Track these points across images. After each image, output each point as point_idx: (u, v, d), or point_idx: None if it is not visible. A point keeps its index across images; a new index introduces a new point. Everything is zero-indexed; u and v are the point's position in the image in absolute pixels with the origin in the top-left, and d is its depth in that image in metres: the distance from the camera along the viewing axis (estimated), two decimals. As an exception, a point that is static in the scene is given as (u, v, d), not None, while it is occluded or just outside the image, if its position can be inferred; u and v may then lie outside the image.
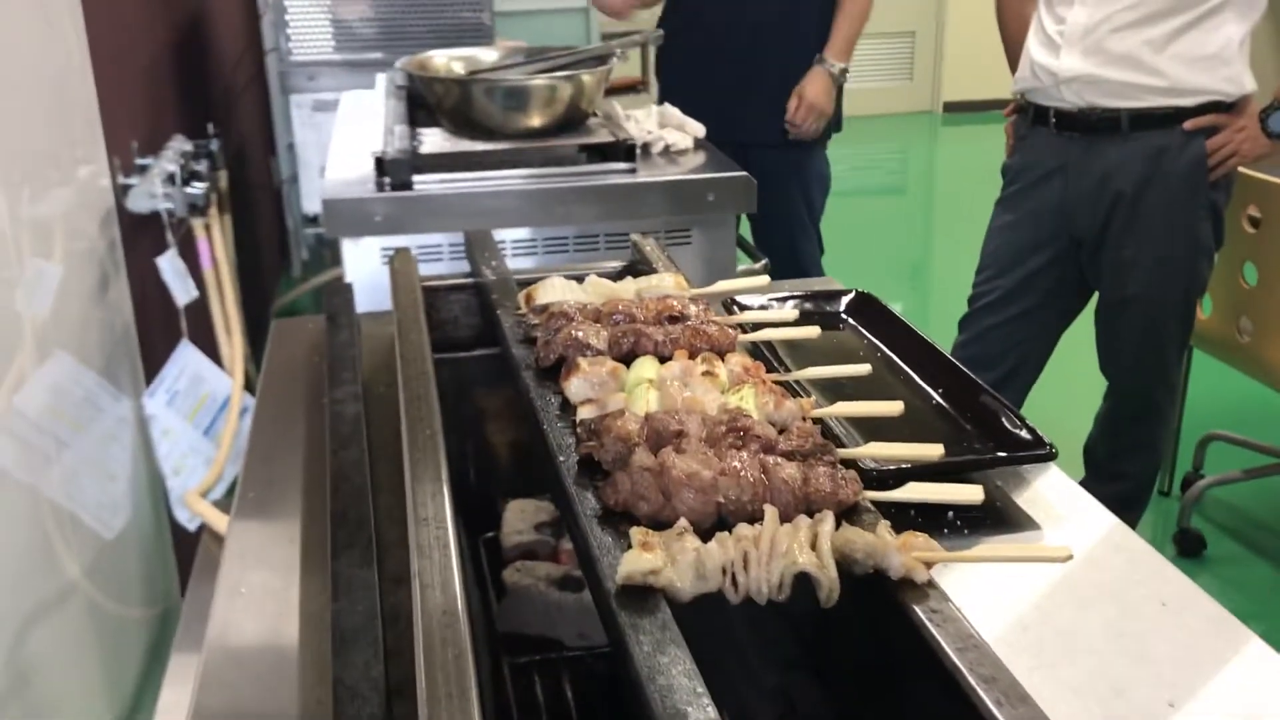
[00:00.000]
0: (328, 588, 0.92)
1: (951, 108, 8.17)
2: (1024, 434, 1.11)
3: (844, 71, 3.11)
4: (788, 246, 3.20)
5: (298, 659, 0.90)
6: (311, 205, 3.88)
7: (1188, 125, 2.41)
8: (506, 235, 2.37)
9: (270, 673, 0.89)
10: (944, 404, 1.21)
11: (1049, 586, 0.95)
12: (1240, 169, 2.55)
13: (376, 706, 0.76)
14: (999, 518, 1.06)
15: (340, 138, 2.93)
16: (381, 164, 2.50)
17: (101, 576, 1.97)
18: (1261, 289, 2.85)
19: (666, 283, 1.26)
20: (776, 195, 3.06)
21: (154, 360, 2.52)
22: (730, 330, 1.12)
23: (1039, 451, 1.08)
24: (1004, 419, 1.14)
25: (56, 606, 1.75)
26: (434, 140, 2.74)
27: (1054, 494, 1.11)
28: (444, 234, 2.40)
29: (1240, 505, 3.40)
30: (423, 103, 2.93)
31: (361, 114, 3.15)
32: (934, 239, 6.11)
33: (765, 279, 1.33)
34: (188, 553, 2.47)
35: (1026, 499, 1.10)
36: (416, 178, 2.48)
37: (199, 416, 2.77)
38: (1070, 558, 0.79)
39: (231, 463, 2.79)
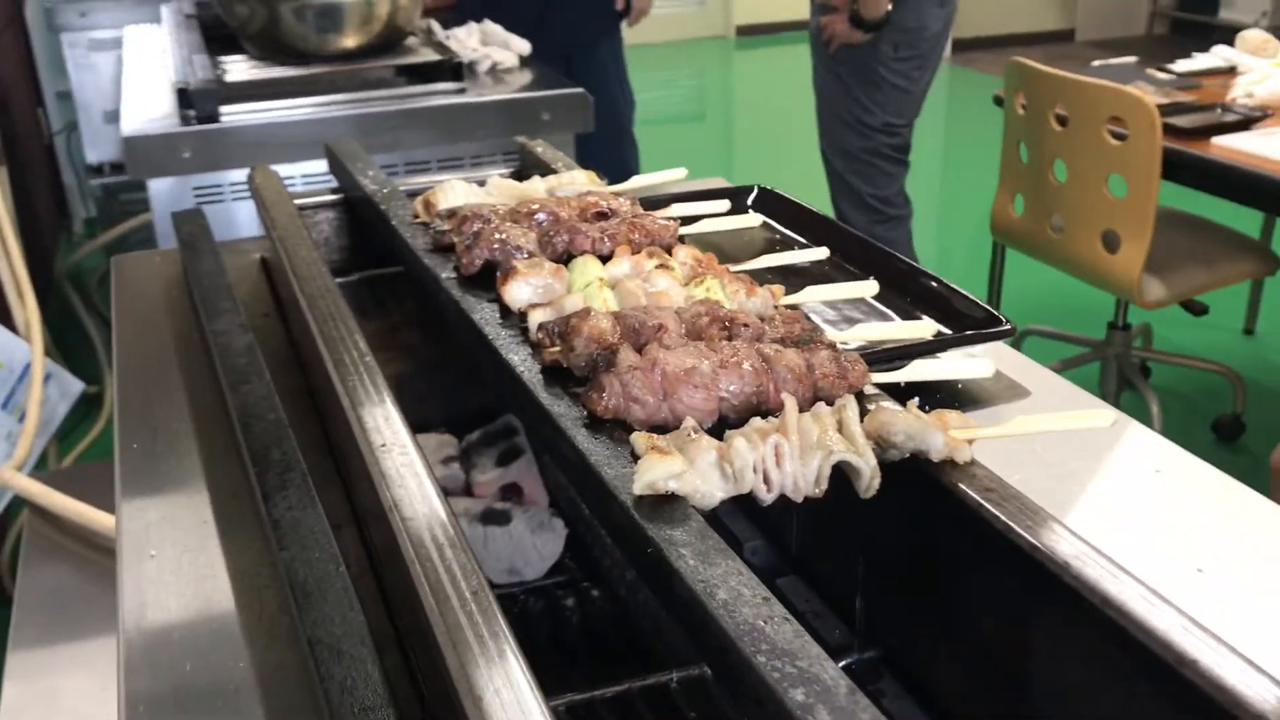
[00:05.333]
0: (265, 537, 0.79)
1: (744, 31, 8.19)
2: (979, 314, 1.06)
3: None
4: (617, 158, 3.12)
5: (239, 621, 0.77)
6: (98, 154, 3.54)
7: None
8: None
9: (208, 640, 0.75)
10: (888, 291, 1.15)
11: (1036, 462, 0.89)
12: (1046, 69, 2.87)
13: (372, 665, 0.64)
14: (965, 397, 1.01)
15: (132, 75, 2.68)
16: (185, 95, 2.29)
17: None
18: (1070, 186, 2.91)
19: (579, 179, 1.15)
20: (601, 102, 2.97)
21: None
22: (670, 223, 1.03)
23: (1004, 328, 1.03)
24: (954, 300, 1.09)
25: None
26: (240, 68, 2.53)
27: (1013, 369, 1.06)
28: (262, 169, 2.22)
29: (1061, 395, 3.53)
30: (219, 32, 2.71)
31: (152, 49, 2.89)
32: (735, 163, 6.12)
33: (683, 172, 1.23)
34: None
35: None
36: (224, 109, 2.29)
37: (-6, 390, 2.50)
38: (1115, 423, 0.74)
39: (41, 435, 2.52)
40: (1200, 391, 3.54)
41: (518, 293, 0.92)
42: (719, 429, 0.77)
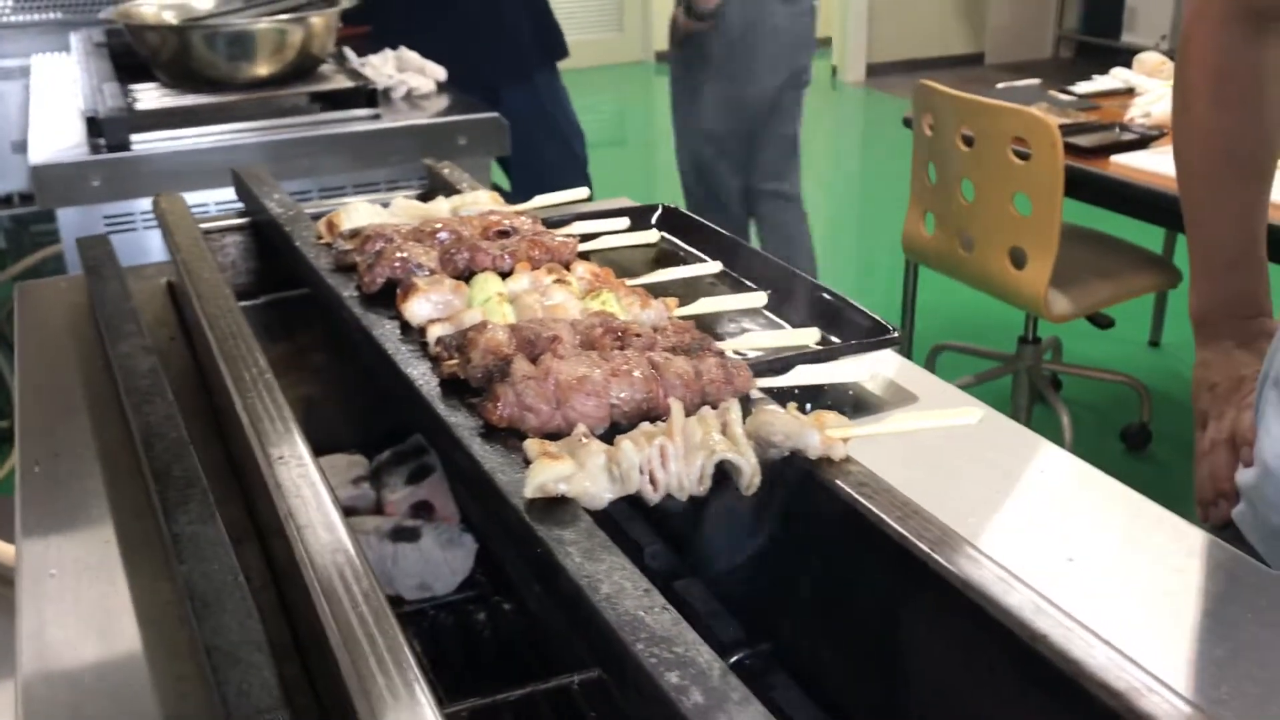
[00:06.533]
0: (166, 553, 0.80)
1: (664, 57, 8.25)
2: (867, 323, 1.10)
3: None
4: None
5: (140, 636, 0.78)
6: (6, 185, 3.49)
7: None
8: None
9: (107, 656, 0.76)
10: (779, 304, 1.19)
11: (923, 462, 0.93)
12: (953, 91, 2.96)
13: (269, 671, 0.66)
14: (855, 403, 1.05)
15: (40, 104, 2.66)
16: (95, 124, 2.27)
17: None
18: (978, 205, 2.98)
19: (482, 199, 1.17)
20: (535, 139, 2.99)
21: None
22: (569, 240, 1.05)
23: (891, 336, 1.07)
24: (844, 311, 1.12)
25: None
26: (151, 96, 2.52)
27: (909, 381, 1.10)
28: (173, 197, 2.22)
29: (974, 409, 3.61)
30: (129, 60, 2.70)
31: (59, 78, 2.87)
32: (657, 187, 6.18)
33: (585, 191, 1.26)
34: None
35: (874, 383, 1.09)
36: (135, 137, 2.28)
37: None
38: (981, 419, 0.78)
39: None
40: (1109, 402, 3.64)
41: (418, 309, 0.94)
42: (611, 435, 0.80)
